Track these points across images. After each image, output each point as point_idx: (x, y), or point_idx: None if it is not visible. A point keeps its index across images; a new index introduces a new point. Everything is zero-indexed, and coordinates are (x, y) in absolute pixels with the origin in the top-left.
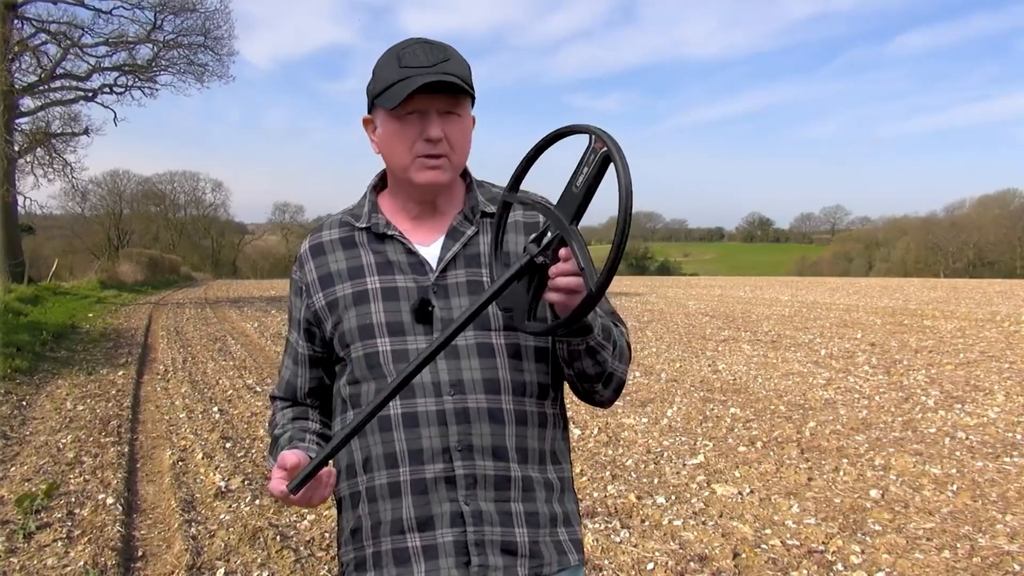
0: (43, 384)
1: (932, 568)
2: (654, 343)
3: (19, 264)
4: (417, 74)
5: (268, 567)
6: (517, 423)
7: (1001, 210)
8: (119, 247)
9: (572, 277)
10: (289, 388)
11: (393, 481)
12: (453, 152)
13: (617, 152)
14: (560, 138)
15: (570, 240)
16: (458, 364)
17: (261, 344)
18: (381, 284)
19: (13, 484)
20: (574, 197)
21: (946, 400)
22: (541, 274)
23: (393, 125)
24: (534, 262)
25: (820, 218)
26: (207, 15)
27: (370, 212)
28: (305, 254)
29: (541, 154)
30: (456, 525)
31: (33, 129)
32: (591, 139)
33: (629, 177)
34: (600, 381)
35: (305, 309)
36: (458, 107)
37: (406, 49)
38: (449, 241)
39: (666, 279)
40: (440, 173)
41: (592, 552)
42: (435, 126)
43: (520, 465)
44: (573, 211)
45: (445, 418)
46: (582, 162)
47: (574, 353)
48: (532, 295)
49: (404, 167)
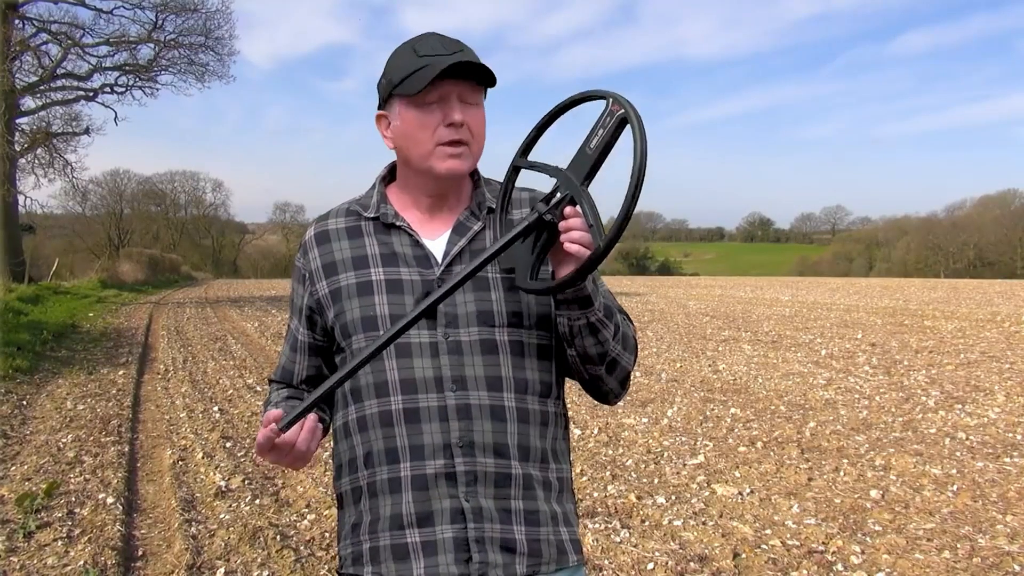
0: (43, 383)
1: (932, 568)
2: (654, 343)
3: (20, 263)
4: (438, 60)
5: (268, 566)
6: (519, 420)
7: (1002, 210)
8: (120, 246)
9: (579, 232)
10: (286, 374)
11: (394, 477)
12: (474, 140)
13: (634, 114)
14: (576, 104)
15: (580, 199)
16: (461, 360)
17: (262, 344)
18: (386, 276)
19: (13, 483)
20: (587, 158)
21: (946, 400)
22: (549, 233)
23: (413, 113)
24: (542, 219)
25: (820, 218)
26: (208, 15)
27: (379, 202)
28: (310, 241)
29: (555, 120)
30: (456, 521)
31: (34, 129)
32: (608, 102)
33: (645, 137)
34: (603, 364)
35: (308, 296)
36: (477, 97)
37: (421, 41)
38: (455, 236)
39: (666, 279)
40: (461, 162)
41: (592, 552)
42: (457, 111)
43: (521, 463)
44: (585, 172)
45: (447, 414)
46: (597, 124)
47: (574, 329)
48: (536, 255)
49: (425, 155)
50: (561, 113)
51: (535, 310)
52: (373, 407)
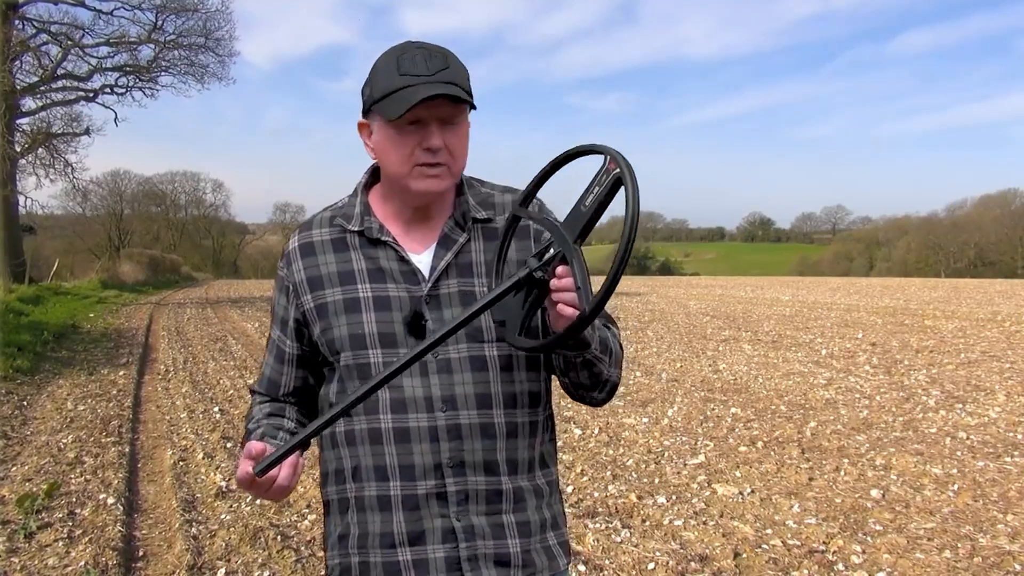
0: (44, 384)
1: (933, 568)
2: (655, 343)
3: (20, 264)
4: (419, 82)
5: (269, 567)
6: (508, 436)
7: (1002, 210)
8: (120, 247)
9: (567, 293)
10: (271, 385)
11: (383, 495)
12: (453, 160)
13: (629, 175)
14: (576, 156)
15: (571, 258)
16: (451, 379)
17: (262, 344)
18: (373, 292)
19: (14, 484)
20: (581, 216)
21: (947, 400)
22: (539, 290)
23: (391, 132)
24: (532, 276)
25: (821, 218)
26: (208, 16)
27: (363, 214)
28: (293, 252)
29: (556, 171)
30: (448, 541)
31: (34, 129)
32: (605, 159)
33: (638, 201)
34: (595, 389)
35: (294, 309)
36: (457, 116)
37: (405, 55)
38: (441, 250)
39: (667, 279)
40: (439, 181)
41: (593, 552)
42: (435, 136)
43: (510, 477)
44: (579, 230)
45: (437, 434)
46: (593, 182)
47: (570, 364)
48: (527, 310)
49: (401, 175)
50: (561, 164)
51: None
52: (362, 423)
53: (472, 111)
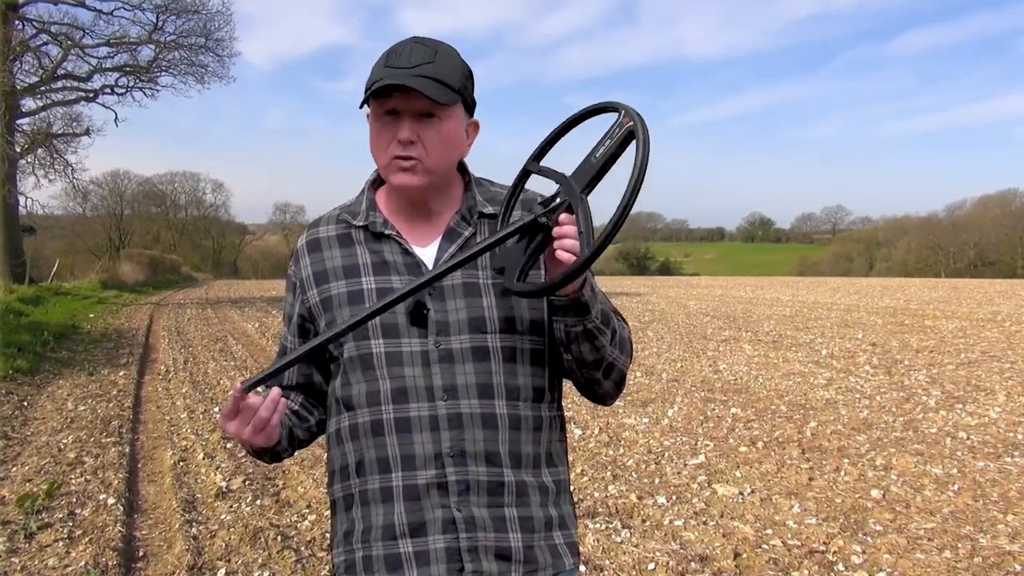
0: (44, 384)
1: (933, 568)
2: (655, 343)
3: (20, 264)
4: (393, 74)
5: (269, 567)
6: (511, 428)
7: (1002, 210)
8: (120, 247)
9: (569, 240)
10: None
11: (385, 486)
12: (427, 155)
13: (642, 127)
14: (592, 115)
15: (576, 206)
16: (452, 368)
17: (262, 344)
18: (376, 284)
19: (14, 484)
20: (591, 167)
21: (947, 400)
22: (543, 237)
23: (374, 124)
24: (537, 221)
25: (821, 218)
26: (208, 17)
27: (368, 210)
28: (301, 249)
29: (569, 130)
30: (448, 531)
31: (34, 130)
32: (620, 114)
33: (648, 151)
34: (599, 369)
35: (300, 305)
36: (437, 109)
37: (397, 48)
38: (446, 243)
39: (667, 279)
40: (411, 176)
41: (593, 552)
42: (405, 129)
43: (513, 470)
44: (587, 181)
45: (438, 423)
46: (606, 135)
47: (571, 335)
48: (528, 257)
49: (382, 168)
50: (576, 123)
51: (528, 315)
52: (365, 415)
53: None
